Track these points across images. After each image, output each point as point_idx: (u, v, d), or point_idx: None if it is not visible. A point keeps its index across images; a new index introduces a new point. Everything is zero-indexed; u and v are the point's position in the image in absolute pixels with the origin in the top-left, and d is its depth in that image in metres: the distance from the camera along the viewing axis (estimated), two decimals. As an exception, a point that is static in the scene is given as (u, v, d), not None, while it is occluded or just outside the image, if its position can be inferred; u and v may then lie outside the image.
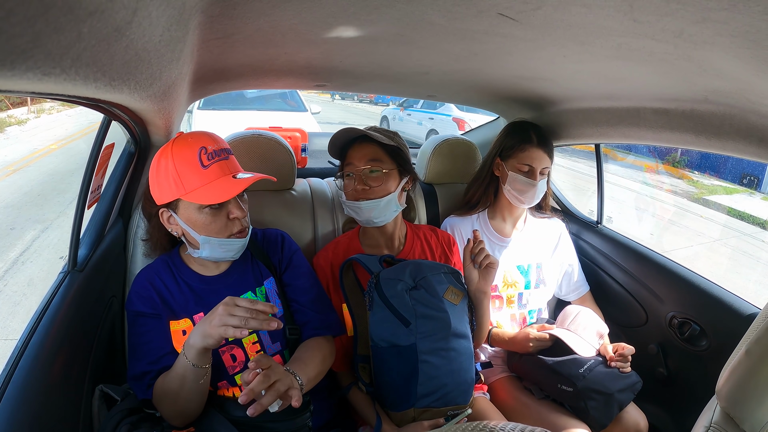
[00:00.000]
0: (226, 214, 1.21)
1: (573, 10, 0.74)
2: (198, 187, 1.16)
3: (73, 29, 0.36)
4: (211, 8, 0.74)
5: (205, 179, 1.16)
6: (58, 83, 0.41)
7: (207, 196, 1.15)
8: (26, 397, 0.89)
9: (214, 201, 1.16)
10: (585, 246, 2.13)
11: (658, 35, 0.78)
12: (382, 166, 1.52)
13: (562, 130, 1.98)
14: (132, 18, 0.43)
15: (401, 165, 1.57)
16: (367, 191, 1.51)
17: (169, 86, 0.91)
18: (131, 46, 0.50)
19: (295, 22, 0.94)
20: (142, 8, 0.44)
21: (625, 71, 1.18)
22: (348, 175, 1.56)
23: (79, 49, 0.39)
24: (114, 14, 0.40)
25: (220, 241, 1.22)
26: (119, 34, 0.44)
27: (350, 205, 1.55)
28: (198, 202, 1.16)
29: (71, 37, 0.37)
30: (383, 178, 1.52)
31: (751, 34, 0.66)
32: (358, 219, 1.56)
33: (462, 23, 0.91)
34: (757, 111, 1.15)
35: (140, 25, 0.47)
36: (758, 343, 0.87)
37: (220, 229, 1.21)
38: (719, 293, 1.60)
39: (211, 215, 1.20)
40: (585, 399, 1.46)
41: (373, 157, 1.52)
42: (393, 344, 1.32)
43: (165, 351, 1.27)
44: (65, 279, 1.21)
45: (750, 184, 10.66)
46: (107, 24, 0.40)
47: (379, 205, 1.51)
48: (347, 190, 1.56)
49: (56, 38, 0.35)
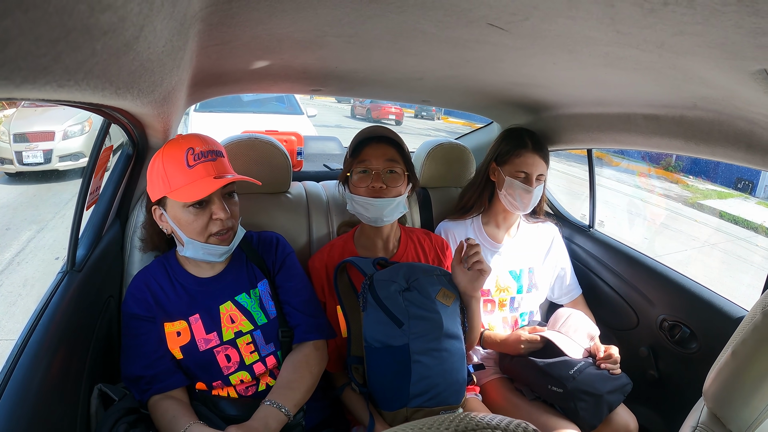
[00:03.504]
0: (209, 214, 1.24)
1: (559, 21, 0.77)
2: (182, 185, 1.20)
3: (88, 47, 0.40)
4: (211, 17, 0.77)
5: (189, 178, 1.20)
6: (70, 93, 0.44)
7: (188, 194, 1.19)
8: (25, 394, 0.90)
9: (192, 199, 1.19)
10: (577, 250, 2.15)
11: (641, 45, 0.81)
12: (398, 167, 1.55)
13: (555, 135, 2.00)
14: (140, 33, 0.46)
15: (409, 170, 1.60)
16: (385, 190, 1.53)
17: (170, 92, 0.93)
18: (137, 58, 0.52)
19: (291, 30, 0.96)
20: (148, 24, 0.47)
21: (615, 78, 1.21)
22: (363, 172, 1.56)
23: (92, 64, 0.42)
24: (124, 31, 0.43)
25: (202, 245, 1.26)
26: (128, 48, 0.47)
27: (362, 202, 1.54)
28: (179, 199, 1.20)
29: (86, 53, 0.40)
30: (399, 180, 1.55)
31: (727, 46, 0.68)
32: (365, 216, 1.56)
33: (453, 32, 0.93)
34: (744, 117, 1.17)
35: (146, 39, 0.49)
36: (744, 344, 0.89)
37: (202, 229, 1.24)
38: (709, 296, 1.62)
39: (194, 214, 1.23)
40: (575, 400, 1.48)
41: (391, 157, 1.54)
42: (386, 345, 1.34)
43: (158, 354, 1.29)
44: (64, 279, 1.22)
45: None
46: (118, 40, 0.43)
47: (392, 204, 1.53)
48: (361, 186, 1.55)
49: (74, 56, 0.38)
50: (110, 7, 0.37)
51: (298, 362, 1.34)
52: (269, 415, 1.20)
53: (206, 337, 1.32)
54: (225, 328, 1.34)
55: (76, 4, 0.33)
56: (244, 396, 1.37)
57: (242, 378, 1.35)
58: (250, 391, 1.37)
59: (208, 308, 1.34)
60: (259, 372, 1.36)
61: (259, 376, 1.37)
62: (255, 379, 1.37)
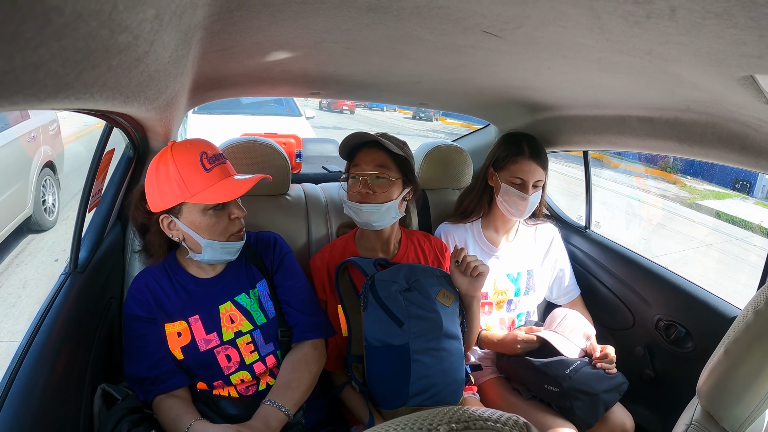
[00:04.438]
0: (227, 214, 1.26)
1: (551, 29, 0.79)
2: (203, 189, 1.20)
3: (105, 64, 0.42)
4: (213, 25, 0.78)
5: (209, 181, 1.21)
6: (85, 103, 0.46)
7: (213, 196, 1.20)
8: (30, 395, 0.92)
9: (222, 200, 1.21)
10: (574, 250, 2.16)
11: (631, 52, 0.82)
12: (388, 173, 1.55)
13: (551, 137, 2.01)
14: (150, 48, 0.49)
15: (406, 175, 1.59)
16: (370, 196, 1.53)
17: (173, 97, 0.95)
18: (146, 70, 0.55)
19: (291, 37, 0.98)
20: (158, 39, 0.49)
21: (609, 82, 1.22)
22: (354, 177, 1.58)
23: (107, 78, 0.45)
24: (137, 48, 0.45)
25: (222, 244, 1.27)
26: (139, 62, 0.50)
27: (351, 206, 1.57)
28: (205, 202, 1.21)
29: (103, 69, 0.43)
30: (387, 186, 1.54)
31: (711, 54, 0.70)
32: (357, 220, 1.58)
33: (449, 39, 0.95)
34: (737, 119, 1.18)
35: (156, 52, 0.52)
36: (736, 342, 0.90)
37: (224, 230, 1.26)
38: (704, 296, 1.64)
39: (215, 216, 1.24)
40: (571, 399, 1.49)
41: (380, 163, 1.54)
42: (386, 344, 1.36)
43: (160, 355, 1.31)
44: (66, 280, 1.24)
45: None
46: (131, 56, 0.46)
47: (380, 210, 1.53)
48: (351, 191, 1.58)
49: (92, 72, 0.41)
50: (128, 28, 0.40)
51: (297, 361, 1.36)
52: (269, 415, 1.21)
53: (206, 338, 1.34)
54: (225, 329, 1.35)
55: (100, 29, 0.35)
56: (244, 395, 1.38)
57: (243, 377, 1.36)
58: (250, 391, 1.39)
59: (207, 309, 1.35)
60: (259, 371, 1.38)
61: (260, 376, 1.39)
62: (255, 379, 1.39)
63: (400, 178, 1.58)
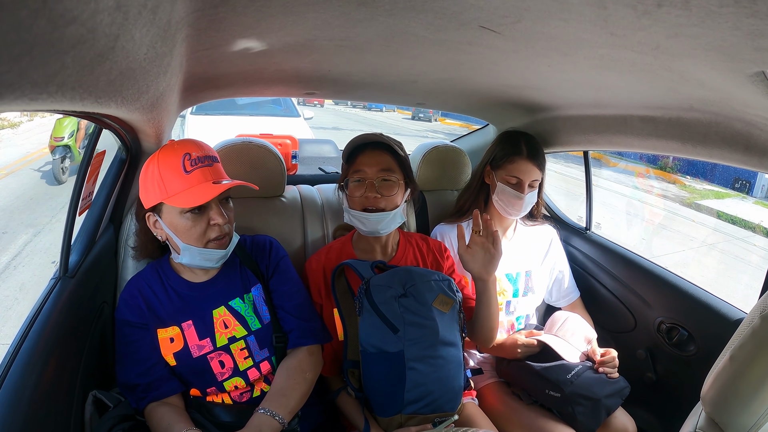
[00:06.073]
0: (207, 219, 1.23)
1: (552, 23, 0.76)
2: (180, 191, 1.18)
3: (56, 61, 0.39)
4: (198, 22, 0.76)
5: (186, 184, 1.18)
6: (46, 104, 0.43)
7: (186, 199, 1.18)
8: (17, 403, 0.89)
9: (192, 204, 1.18)
10: (574, 252, 2.14)
11: (636, 47, 0.80)
12: (393, 176, 1.52)
13: (551, 137, 1.99)
14: (114, 44, 0.45)
15: (407, 176, 1.57)
16: (379, 199, 1.50)
17: (158, 98, 0.92)
18: (115, 68, 0.51)
19: (281, 34, 0.95)
20: (124, 33, 0.46)
21: (611, 80, 1.20)
22: (357, 181, 1.53)
23: (64, 77, 0.42)
24: (96, 43, 0.42)
25: (200, 251, 1.24)
26: (102, 59, 0.46)
27: (357, 216, 1.52)
28: (178, 205, 1.19)
29: (55, 68, 0.39)
30: (394, 188, 1.52)
31: (724, 48, 0.67)
32: (363, 229, 1.54)
33: (445, 35, 0.92)
34: (741, 119, 1.16)
35: (123, 48, 0.48)
36: (742, 348, 0.88)
37: (200, 235, 1.23)
38: (706, 298, 1.62)
39: (192, 220, 1.22)
40: (572, 404, 1.47)
41: (386, 166, 1.51)
42: (381, 350, 1.33)
43: (152, 361, 1.29)
44: (56, 285, 1.21)
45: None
46: (90, 52, 0.42)
47: (388, 217, 1.50)
48: (355, 195, 1.53)
49: (41, 70, 0.38)
50: (76, 20, 0.36)
51: (292, 368, 1.33)
52: (263, 423, 1.19)
53: (199, 344, 1.31)
54: (218, 334, 1.33)
55: (35, 20, 0.32)
56: (238, 402, 1.36)
57: (236, 384, 1.34)
58: (244, 398, 1.36)
59: (201, 314, 1.33)
60: (254, 378, 1.35)
61: (254, 382, 1.36)
62: (249, 385, 1.36)
63: (402, 180, 1.55)
